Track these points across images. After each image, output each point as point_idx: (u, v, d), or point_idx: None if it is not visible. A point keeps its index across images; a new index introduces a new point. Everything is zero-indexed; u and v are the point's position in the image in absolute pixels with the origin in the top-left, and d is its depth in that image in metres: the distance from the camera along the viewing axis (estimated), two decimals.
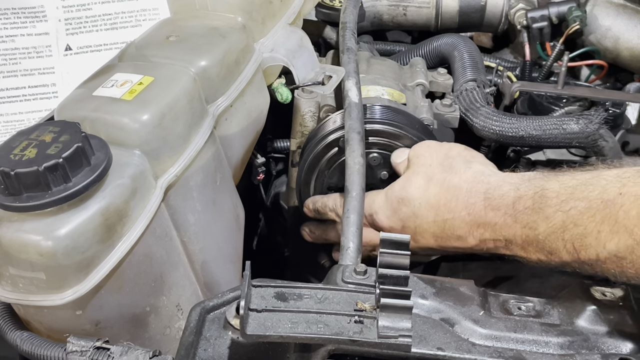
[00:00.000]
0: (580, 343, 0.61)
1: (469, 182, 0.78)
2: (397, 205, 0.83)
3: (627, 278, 0.63)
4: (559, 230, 0.67)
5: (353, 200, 0.77)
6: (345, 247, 0.73)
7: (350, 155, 0.82)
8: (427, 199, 0.80)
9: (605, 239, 0.63)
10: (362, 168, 0.81)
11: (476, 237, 0.76)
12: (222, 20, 0.85)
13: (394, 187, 0.85)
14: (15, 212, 0.59)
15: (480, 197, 0.75)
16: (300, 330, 0.53)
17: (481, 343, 0.61)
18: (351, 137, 0.84)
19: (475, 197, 0.76)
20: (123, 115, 0.68)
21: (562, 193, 0.68)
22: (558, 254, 0.68)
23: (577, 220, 0.65)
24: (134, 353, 0.59)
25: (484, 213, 0.74)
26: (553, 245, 0.68)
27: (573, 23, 1.19)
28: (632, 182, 0.63)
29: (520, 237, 0.71)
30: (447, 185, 0.79)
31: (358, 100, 0.88)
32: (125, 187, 0.63)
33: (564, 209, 0.67)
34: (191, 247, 0.75)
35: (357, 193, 0.78)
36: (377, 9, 1.36)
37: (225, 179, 0.82)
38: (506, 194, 0.74)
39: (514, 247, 0.73)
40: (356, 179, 0.79)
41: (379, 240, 0.56)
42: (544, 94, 1.09)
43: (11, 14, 0.87)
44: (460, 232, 0.77)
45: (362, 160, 0.81)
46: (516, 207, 0.72)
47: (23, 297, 0.61)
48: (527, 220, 0.70)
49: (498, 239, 0.74)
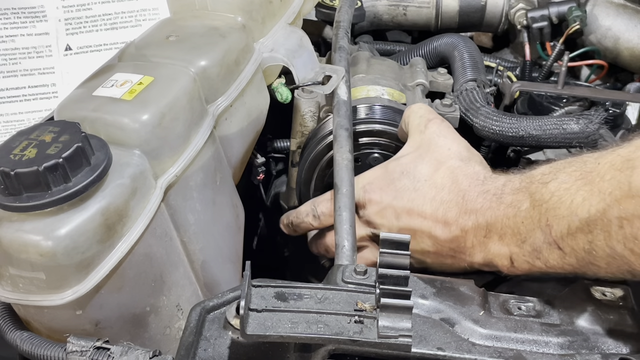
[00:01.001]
0: (581, 343, 0.61)
1: (478, 174, 0.79)
2: (398, 176, 0.83)
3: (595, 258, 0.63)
4: (537, 205, 0.68)
5: (344, 197, 0.77)
6: (340, 245, 0.73)
7: (339, 151, 0.82)
8: (434, 179, 0.80)
9: (577, 206, 0.63)
10: (350, 164, 0.81)
11: (460, 224, 0.76)
12: (222, 20, 0.85)
13: (401, 160, 0.85)
14: (15, 212, 0.59)
15: (479, 184, 0.77)
16: (300, 330, 0.53)
17: (481, 343, 0.61)
18: (339, 134, 0.84)
19: (476, 184, 0.77)
20: (123, 115, 0.68)
21: (545, 171, 0.70)
22: (532, 238, 0.69)
23: (555, 191, 0.67)
24: (134, 353, 0.59)
25: (475, 197, 0.76)
26: (529, 225, 0.69)
27: (573, 23, 1.19)
28: (608, 152, 0.64)
29: (502, 219, 0.72)
30: (458, 172, 0.79)
31: (347, 98, 0.90)
32: (125, 187, 0.63)
33: (544, 182, 0.69)
34: (191, 247, 0.75)
35: (347, 189, 0.78)
36: (377, 8, 1.36)
37: (225, 179, 0.82)
38: (499, 179, 0.76)
39: (492, 236, 0.73)
40: (345, 175, 0.79)
41: (379, 241, 0.56)
42: (544, 94, 1.09)
43: (11, 14, 0.87)
44: (449, 216, 0.77)
45: (350, 156, 0.82)
46: (504, 189, 0.74)
47: (23, 297, 0.61)
48: (512, 199, 0.72)
49: (479, 227, 0.74)
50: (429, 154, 0.83)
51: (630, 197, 0.58)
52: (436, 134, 0.85)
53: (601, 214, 0.61)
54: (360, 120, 0.94)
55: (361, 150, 0.94)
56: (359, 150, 0.94)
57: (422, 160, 0.83)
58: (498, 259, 0.73)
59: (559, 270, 0.68)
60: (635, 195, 0.58)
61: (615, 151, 0.63)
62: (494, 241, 0.73)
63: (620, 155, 0.62)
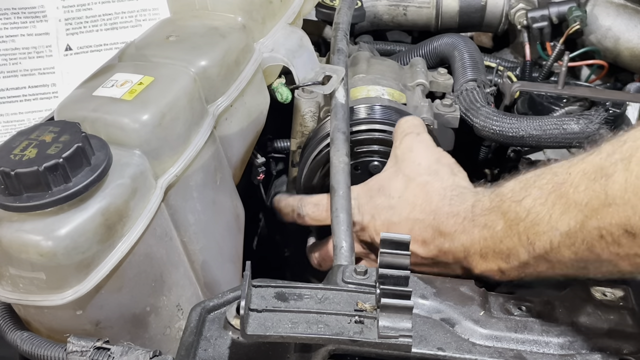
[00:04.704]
0: (581, 343, 0.61)
1: (445, 190, 0.79)
2: (375, 194, 0.83)
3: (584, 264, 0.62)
4: (513, 224, 0.67)
5: (340, 199, 0.78)
6: (338, 246, 0.73)
7: (335, 154, 0.83)
8: (406, 196, 0.80)
9: (556, 221, 0.63)
10: (347, 167, 0.82)
11: (437, 245, 0.76)
12: (222, 20, 0.85)
13: (380, 175, 0.86)
14: (15, 212, 0.59)
15: (447, 203, 0.77)
16: (300, 330, 0.53)
17: (481, 343, 0.61)
18: (336, 137, 0.85)
19: (444, 202, 0.77)
20: (123, 115, 0.68)
21: (515, 188, 0.69)
22: (516, 254, 0.68)
23: (530, 208, 0.66)
24: (134, 353, 0.59)
25: (446, 219, 0.75)
26: (510, 244, 0.68)
27: (573, 23, 1.19)
28: (578, 160, 0.63)
29: (479, 241, 0.71)
30: (428, 188, 0.80)
31: (345, 101, 0.90)
32: (126, 187, 0.63)
33: (517, 199, 0.67)
34: (191, 247, 0.75)
35: (344, 192, 0.79)
36: (377, 9, 1.36)
37: (225, 179, 0.82)
38: (467, 200, 0.75)
39: (474, 256, 0.72)
40: (342, 178, 0.80)
41: (379, 241, 0.56)
42: (544, 94, 1.09)
43: (11, 14, 0.87)
44: (426, 236, 0.77)
45: (347, 159, 0.83)
46: (474, 210, 0.73)
47: (23, 297, 0.61)
48: (485, 220, 0.71)
49: (457, 249, 0.74)
50: (401, 169, 0.84)
51: (607, 206, 0.57)
52: (408, 149, 0.85)
53: (580, 225, 0.60)
54: (360, 120, 0.94)
55: (360, 158, 0.94)
56: (358, 158, 0.94)
57: (397, 176, 0.83)
58: (488, 272, 0.73)
59: (552, 276, 0.68)
60: (611, 204, 0.57)
61: (585, 159, 0.62)
62: (477, 260, 0.72)
63: (592, 164, 0.61)
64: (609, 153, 0.59)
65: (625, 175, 0.56)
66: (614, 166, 0.58)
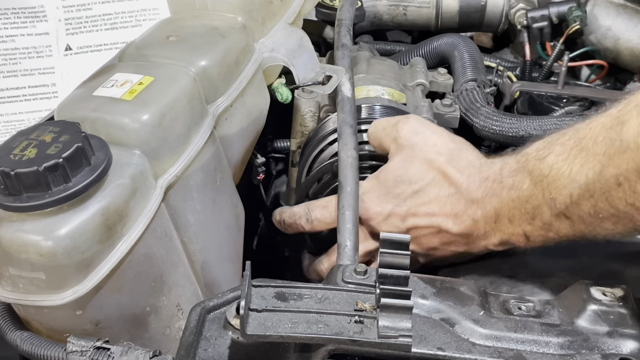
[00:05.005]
0: (581, 343, 0.61)
1: (473, 161, 0.79)
2: (392, 184, 0.82)
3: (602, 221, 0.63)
4: (537, 181, 0.69)
5: (348, 196, 0.76)
6: (342, 245, 0.72)
7: (343, 148, 0.81)
8: (430, 178, 0.80)
9: (576, 174, 0.64)
10: (355, 162, 0.79)
11: (469, 215, 0.76)
12: (222, 20, 0.85)
13: (389, 168, 0.83)
14: (15, 212, 0.59)
15: (476, 172, 0.77)
16: (300, 330, 0.53)
17: (481, 343, 0.61)
18: (344, 130, 0.83)
19: (474, 172, 0.78)
20: (123, 115, 0.68)
21: (540, 147, 0.71)
22: (540, 213, 0.69)
23: (553, 164, 0.67)
24: (134, 353, 0.59)
25: (477, 187, 0.76)
26: (535, 202, 0.69)
27: (573, 23, 1.19)
28: (599, 115, 0.65)
29: (507, 203, 0.72)
30: (454, 165, 0.79)
31: (351, 94, 0.89)
32: (125, 187, 0.63)
33: (541, 157, 0.69)
34: (191, 247, 0.75)
35: (352, 188, 0.77)
36: (377, 9, 1.36)
37: (225, 179, 0.82)
38: (495, 164, 0.76)
39: (502, 220, 0.73)
40: (350, 173, 0.78)
41: (379, 240, 0.56)
42: (544, 94, 1.09)
43: (11, 14, 0.87)
44: (458, 209, 0.77)
45: (355, 153, 0.80)
46: (502, 173, 0.74)
47: (23, 297, 0.61)
48: (513, 181, 0.72)
49: (488, 215, 0.74)
50: (415, 155, 0.82)
51: (623, 152, 0.58)
52: (412, 133, 0.83)
53: (598, 175, 0.61)
54: (360, 120, 0.94)
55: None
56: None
57: (412, 163, 0.81)
58: (514, 238, 0.74)
59: (572, 237, 0.69)
60: (627, 149, 0.58)
61: (605, 112, 0.64)
62: (505, 224, 0.73)
63: (611, 115, 0.62)
64: (626, 103, 0.61)
65: (638, 120, 0.57)
66: (629, 113, 0.59)
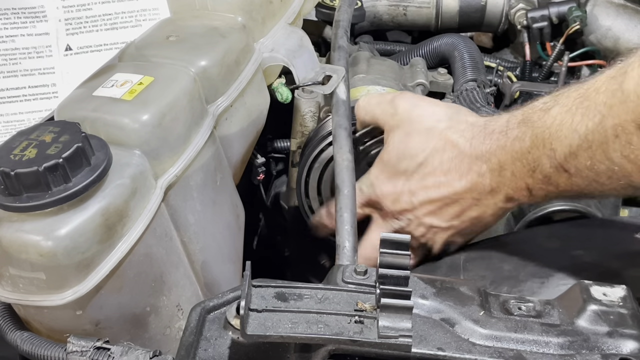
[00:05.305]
0: (581, 343, 0.61)
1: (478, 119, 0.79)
2: (396, 162, 0.82)
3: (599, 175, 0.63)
4: (539, 132, 0.69)
5: (345, 199, 0.77)
6: (341, 246, 0.73)
7: (338, 152, 0.82)
8: (431, 147, 0.79)
9: (577, 124, 0.64)
10: (350, 164, 0.80)
11: (475, 170, 0.76)
12: (222, 20, 0.85)
13: (388, 147, 0.83)
14: (15, 212, 0.59)
15: (482, 128, 0.77)
16: (300, 330, 0.53)
17: (481, 343, 0.61)
18: (338, 134, 0.83)
19: (479, 128, 0.77)
20: (123, 115, 0.68)
21: (547, 100, 0.71)
22: (540, 165, 0.69)
23: (557, 115, 0.67)
24: (134, 353, 0.59)
25: (482, 141, 0.76)
26: (536, 153, 0.69)
27: (573, 23, 1.19)
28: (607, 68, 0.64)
29: (511, 154, 0.72)
30: (456, 129, 0.79)
31: (346, 97, 0.89)
32: (125, 187, 0.63)
33: (546, 108, 0.69)
34: (191, 247, 0.75)
35: (349, 190, 0.77)
36: (377, 9, 1.36)
37: (225, 179, 0.82)
38: (502, 117, 0.76)
39: (506, 173, 0.73)
40: (346, 176, 0.79)
41: (379, 240, 0.56)
42: (544, 94, 1.09)
43: (11, 14, 0.87)
44: (463, 168, 0.77)
45: (350, 156, 0.81)
46: (509, 125, 0.74)
47: (23, 297, 0.61)
48: (517, 132, 0.72)
49: (493, 167, 0.74)
50: (414, 128, 0.81)
51: (623, 103, 0.58)
52: (411, 106, 0.83)
53: (597, 125, 0.61)
54: None
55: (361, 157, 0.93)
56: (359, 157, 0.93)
57: (411, 136, 0.81)
58: (518, 192, 0.74)
59: (570, 193, 0.69)
60: (627, 100, 0.58)
61: (613, 66, 0.64)
62: (509, 177, 0.74)
63: (617, 67, 0.62)
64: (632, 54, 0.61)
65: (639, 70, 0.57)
66: (632, 64, 0.59)
